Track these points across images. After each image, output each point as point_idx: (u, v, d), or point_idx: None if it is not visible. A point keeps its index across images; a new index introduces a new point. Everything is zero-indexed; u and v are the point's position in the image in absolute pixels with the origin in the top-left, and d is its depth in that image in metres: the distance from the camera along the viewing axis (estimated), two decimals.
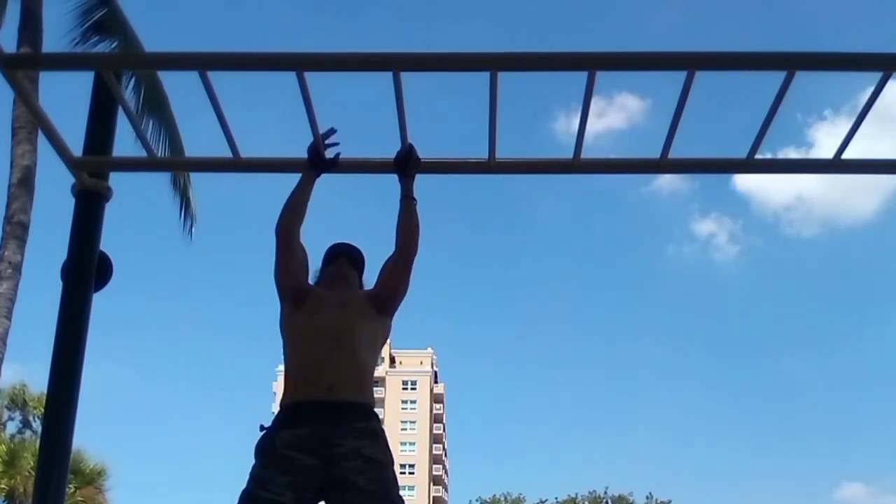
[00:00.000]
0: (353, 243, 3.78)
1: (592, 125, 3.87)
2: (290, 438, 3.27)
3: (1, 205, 10.09)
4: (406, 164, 3.73)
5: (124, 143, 4.20)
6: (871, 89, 3.61)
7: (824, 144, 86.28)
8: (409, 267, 3.61)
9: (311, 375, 3.39)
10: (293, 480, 3.21)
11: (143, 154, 4.58)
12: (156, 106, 10.77)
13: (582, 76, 3.60)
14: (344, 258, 3.72)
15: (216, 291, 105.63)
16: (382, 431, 3.41)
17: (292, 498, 3.19)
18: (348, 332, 3.45)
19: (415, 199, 3.69)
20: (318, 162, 3.75)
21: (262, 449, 3.32)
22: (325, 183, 3.80)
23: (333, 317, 3.49)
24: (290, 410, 3.37)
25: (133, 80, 10.46)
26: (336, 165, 3.80)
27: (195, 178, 11.64)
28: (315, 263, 3.74)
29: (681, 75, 3.56)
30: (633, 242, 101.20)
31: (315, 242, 3.76)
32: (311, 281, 3.70)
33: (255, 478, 3.26)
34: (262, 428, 3.41)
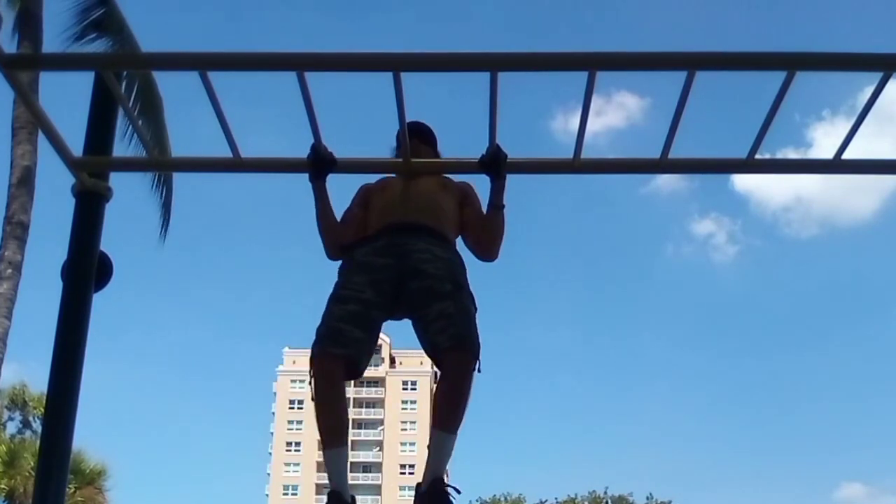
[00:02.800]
0: (421, 122, 3.94)
1: (591, 124, 3.88)
2: (367, 250, 3.52)
3: (1, 205, 10.11)
4: (497, 165, 3.68)
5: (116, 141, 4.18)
6: (869, 89, 3.61)
7: (823, 144, 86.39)
8: (480, 258, 3.76)
9: (388, 210, 3.62)
10: (371, 279, 3.43)
11: (133, 151, 4.57)
12: (145, 105, 10.77)
13: (580, 75, 3.60)
14: (416, 139, 3.80)
15: (217, 290, 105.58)
16: (459, 254, 3.61)
17: (372, 294, 3.41)
18: (423, 190, 3.67)
19: (503, 206, 3.72)
20: (319, 162, 3.74)
21: (341, 265, 3.57)
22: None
23: (406, 182, 3.71)
24: (369, 235, 3.60)
25: (126, 79, 10.45)
26: (336, 164, 3.80)
27: (192, 176, 11.62)
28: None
29: (681, 75, 3.56)
30: (632, 242, 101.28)
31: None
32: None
33: (336, 283, 3.50)
34: (343, 248, 3.62)
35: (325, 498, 3.34)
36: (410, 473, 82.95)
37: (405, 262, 3.42)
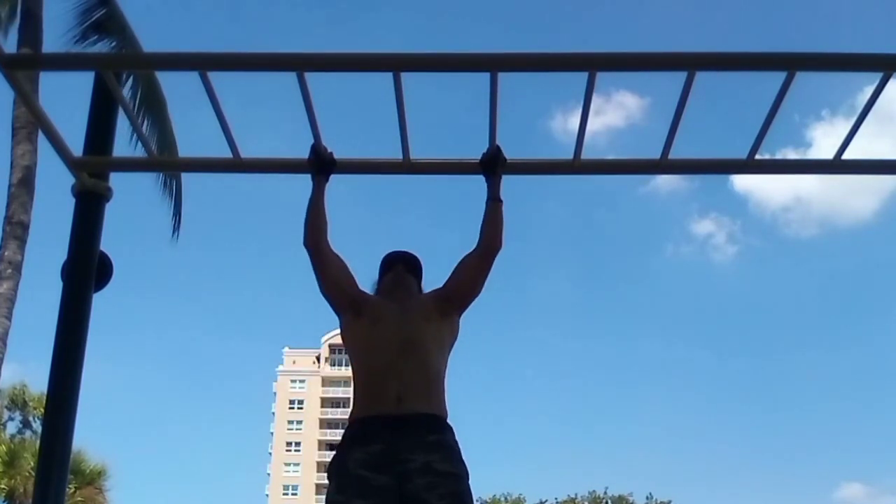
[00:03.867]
0: (408, 251, 3.75)
1: (591, 124, 3.88)
2: (363, 457, 3.28)
3: (1, 205, 10.10)
4: (494, 165, 3.71)
5: (119, 142, 4.18)
6: (869, 89, 3.62)
7: (822, 144, 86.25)
8: (491, 263, 3.60)
9: (379, 387, 3.37)
10: (369, 503, 3.22)
11: (139, 154, 4.58)
12: (151, 106, 10.76)
13: (580, 75, 3.61)
14: (401, 265, 3.68)
15: (217, 290, 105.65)
16: (456, 444, 3.40)
17: None
18: (414, 339, 3.42)
19: (501, 201, 3.66)
20: (319, 162, 3.74)
21: (336, 471, 3.33)
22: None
23: (397, 325, 3.45)
24: (360, 427, 3.37)
25: (130, 79, 10.45)
26: (336, 165, 3.79)
27: (192, 176, 11.64)
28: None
29: (681, 75, 3.57)
30: (632, 242, 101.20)
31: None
32: (369, 290, 3.68)
33: (332, 503, 3.29)
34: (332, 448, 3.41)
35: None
36: None
37: (406, 485, 3.24)
